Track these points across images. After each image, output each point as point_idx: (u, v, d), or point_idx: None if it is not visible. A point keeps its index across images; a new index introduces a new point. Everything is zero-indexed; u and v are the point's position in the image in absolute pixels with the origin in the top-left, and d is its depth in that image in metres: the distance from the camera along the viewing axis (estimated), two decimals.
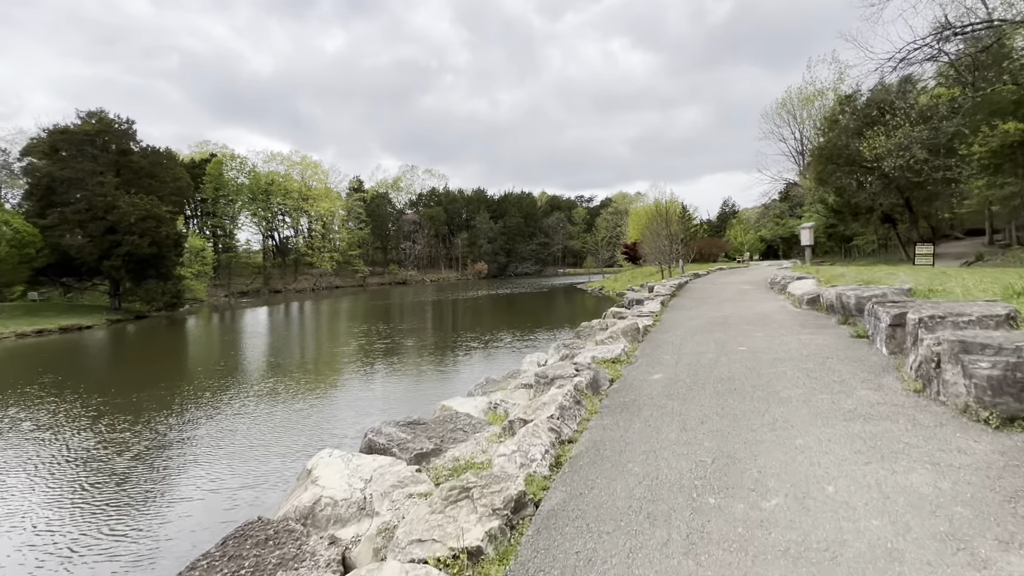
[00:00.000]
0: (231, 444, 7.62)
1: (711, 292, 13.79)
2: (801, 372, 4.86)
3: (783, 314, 8.78)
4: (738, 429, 3.51)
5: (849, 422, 3.44)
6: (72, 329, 29.05)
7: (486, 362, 12.79)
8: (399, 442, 4.07)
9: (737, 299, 11.63)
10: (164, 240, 34.03)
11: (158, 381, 12.54)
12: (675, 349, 6.50)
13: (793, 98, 52.08)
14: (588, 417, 4.07)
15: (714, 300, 11.79)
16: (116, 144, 35.33)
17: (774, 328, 7.46)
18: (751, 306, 10.17)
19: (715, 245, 46.88)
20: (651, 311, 9.86)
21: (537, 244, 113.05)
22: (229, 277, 70.83)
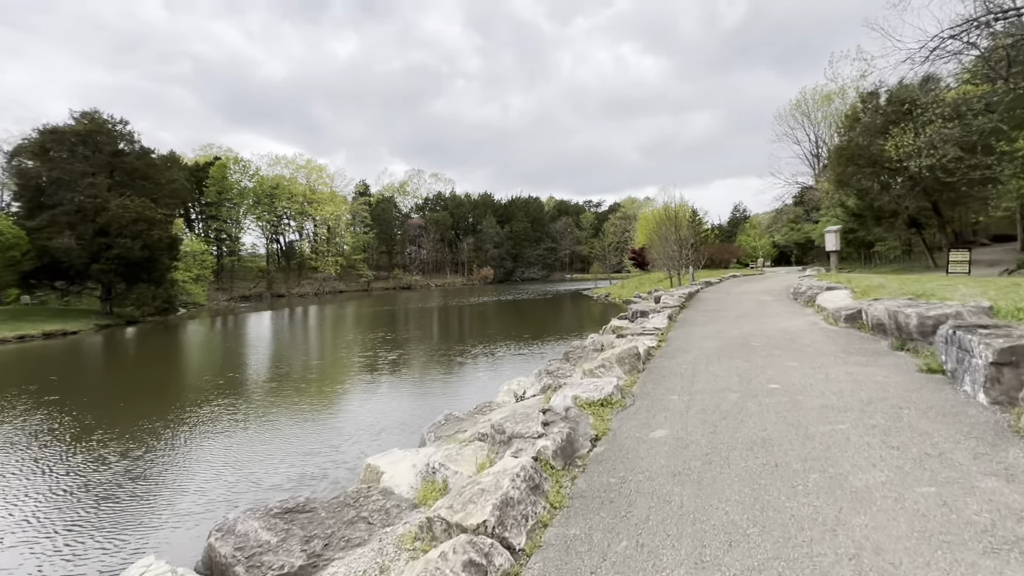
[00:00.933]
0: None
1: (726, 303, 12.21)
2: (870, 434, 3.33)
3: (818, 334, 7.22)
4: (797, 570, 2.01)
5: (996, 557, 1.93)
6: (56, 335, 28.04)
7: (465, 384, 11.26)
8: (255, 550, 2.61)
9: (757, 313, 10.07)
10: (156, 243, 33.07)
11: (121, 397, 11.25)
12: (685, 385, 4.99)
13: (808, 99, 50.27)
14: (547, 519, 2.59)
15: (730, 314, 10.24)
16: (109, 145, 34.52)
17: (811, 354, 5.92)
18: (776, 322, 8.61)
19: (727, 251, 45.08)
20: (656, 327, 8.34)
21: (544, 249, 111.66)
22: (232, 281, 70.19)
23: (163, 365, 17.23)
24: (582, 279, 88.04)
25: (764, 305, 11.30)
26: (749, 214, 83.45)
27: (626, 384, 5.14)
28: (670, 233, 24.31)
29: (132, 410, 9.96)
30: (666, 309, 10.78)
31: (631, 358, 5.68)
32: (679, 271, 24.18)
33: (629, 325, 9.73)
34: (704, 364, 5.78)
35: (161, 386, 13.00)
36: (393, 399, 10.12)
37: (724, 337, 7.56)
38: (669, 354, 6.51)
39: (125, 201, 31.79)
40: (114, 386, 13.27)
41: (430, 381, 11.89)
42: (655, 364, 5.94)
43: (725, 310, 10.92)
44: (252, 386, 12.17)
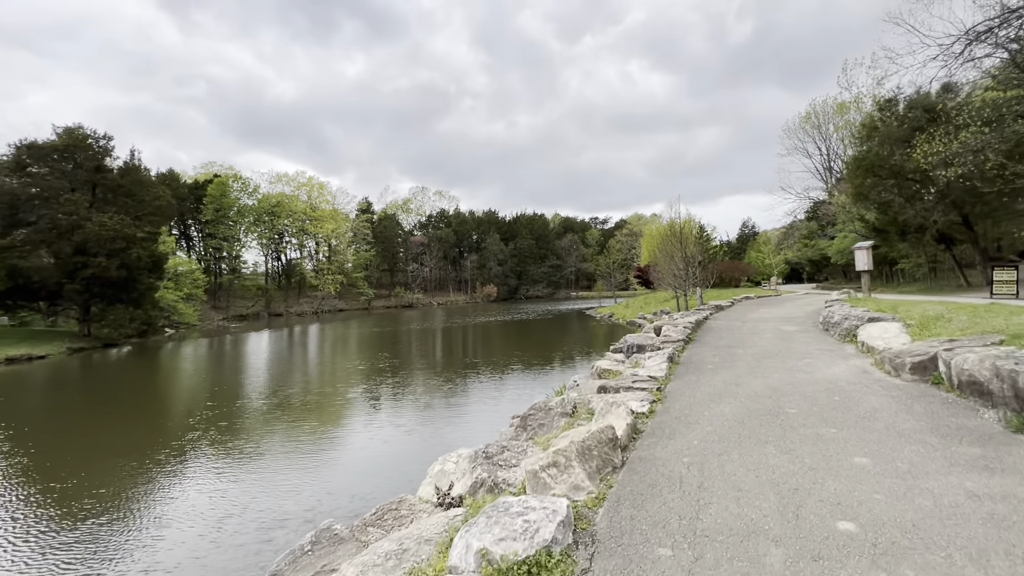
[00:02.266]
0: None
1: (741, 336, 10.08)
2: None
3: (879, 393, 5.11)
4: None
5: None
6: (21, 360, 26.32)
7: (419, 439, 9.15)
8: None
9: (783, 351, 7.95)
10: (135, 262, 31.54)
11: (65, 438, 9.33)
12: (685, 512, 2.90)
13: (819, 111, 48.43)
14: None
15: (748, 352, 8.12)
16: (91, 161, 33.34)
17: (884, 437, 3.81)
18: (812, 368, 6.50)
19: (736, 268, 42.87)
20: (652, 376, 6.26)
21: (549, 267, 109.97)
22: (229, 299, 68.86)
23: (120, 398, 15.25)
24: (587, 297, 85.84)
25: (789, 339, 9.16)
26: (758, 230, 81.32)
27: (587, 503, 3.07)
28: (675, 250, 22.24)
29: (62, 453, 7.98)
30: (667, 345, 8.69)
31: (603, 446, 3.61)
32: (686, 291, 22.04)
33: (619, 367, 7.66)
34: (717, 458, 3.68)
35: (107, 425, 11.09)
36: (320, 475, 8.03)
37: (744, 394, 5.46)
38: (664, 430, 4.41)
39: (103, 218, 30.39)
40: (50, 422, 11.34)
41: (384, 440, 9.80)
42: (641, 454, 3.84)
43: (741, 346, 8.79)
44: (214, 426, 10.19)
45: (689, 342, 9.49)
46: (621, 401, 5.00)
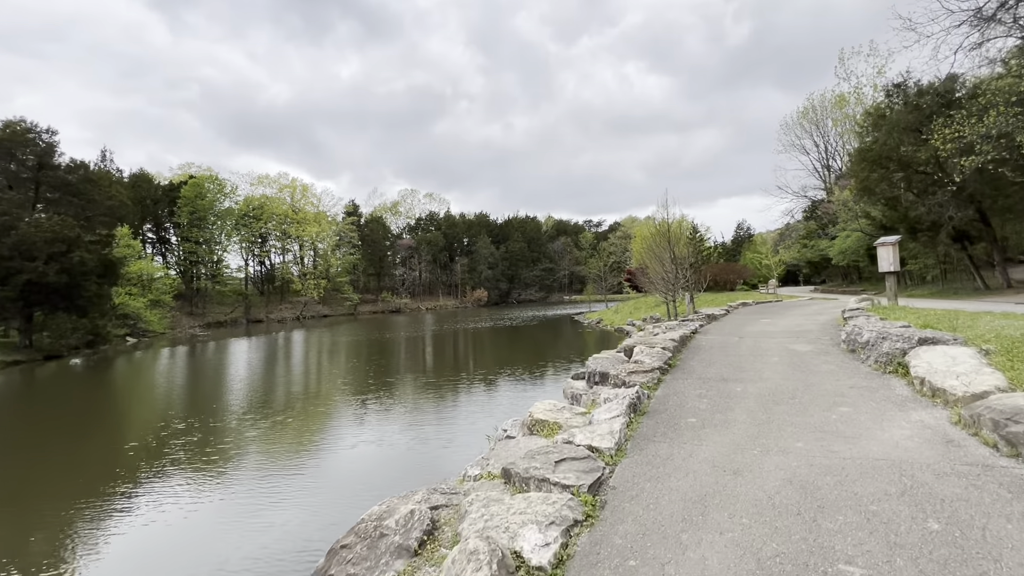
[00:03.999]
0: None
1: (739, 361, 7.56)
2: None
3: (1006, 505, 2.60)
4: None
5: None
6: None
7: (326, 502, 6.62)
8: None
9: (802, 389, 5.47)
10: (76, 267, 28.77)
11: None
12: None
13: (817, 105, 46.33)
14: None
15: (750, 392, 5.62)
16: (35, 157, 30.69)
17: None
18: (855, 431, 4.01)
19: (732, 271, 40.49)
20: (592, 448, 3.78)
21: (541, 270, 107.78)
22: (204, 306, 65.98)
23: (26, 427, 12.69)
24: (580, 301, 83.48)
25: (806, 367, 6.67)
26: (753, 232, 79.34)
27: None
28: (664, 251, 19.80)
29: None
30: (636, 377, 6.18)
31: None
32: (675, 296, 19.56)
33: (559, 416, 5.17)
34: None
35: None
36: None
37: (750, 501, 2.95)
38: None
39: (38, 219, 27.72)
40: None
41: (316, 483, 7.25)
42: None
43: (739, 378, 6.28)
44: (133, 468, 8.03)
45: (669, 370, 6.98)
46: (513, 527, 2.51)
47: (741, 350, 8.34)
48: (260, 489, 7.24)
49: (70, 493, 7.44)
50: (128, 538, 6.08)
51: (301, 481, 7.50)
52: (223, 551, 5.53)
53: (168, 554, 5.70)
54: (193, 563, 5.38)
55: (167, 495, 7.20)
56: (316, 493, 7.02)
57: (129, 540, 6.04)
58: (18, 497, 7.60)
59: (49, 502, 7.25)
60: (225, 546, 5.66)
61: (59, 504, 7.07)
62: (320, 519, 6.10)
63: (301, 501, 6.74)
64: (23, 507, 7.18)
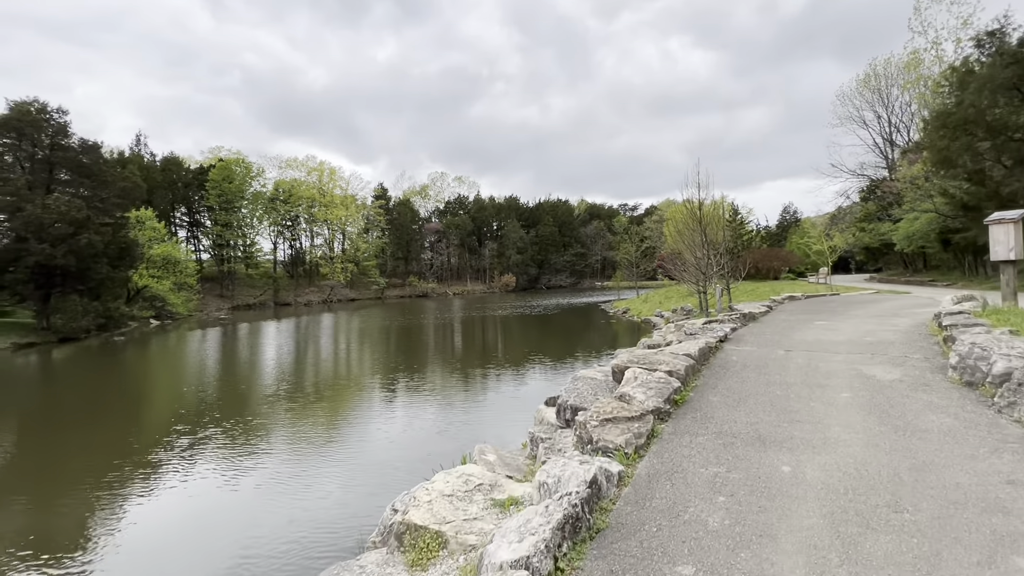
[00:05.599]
0: None
1: (788, 401, 4.91)
2: None
3: None
4: None
5: None
6: None
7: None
8: None
9: (908, 481, 3.01)
10: (84, 249, 28.28)
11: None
12: None
13: (880, 72, 41.07)
14: None
15: (811, 481, 3.12)
16: (46, 138, 30.29)
17: None
18: None
19: (776, 257, 36.54)
20: None
21: (573, 255, 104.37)
22: (234, 288, 66.65)
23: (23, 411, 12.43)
24: (610, 288, 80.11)
25: (902, 420, 4.05)
26: (801, 216, 73.60)
27: None
28: (695, 235, 16.91)
29: None
30: (609, 435, 3.77)
31: None
32: (706, 286, 16.65)
33: (465, 509, 2.84)
34: None
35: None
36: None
37: None
38: None
39: (46, 200, 27.23)
40: None
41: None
42: None
43: (786, 444, 3.72)
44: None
45: (672, 413, 4.50)
46: None
47: (789, 375, 5.72)
48: (296, 466, 7.85)
49: (114, 468, 7.99)
50: (185, 507, 6.69)
51: (333, 460, 8.04)
52: (273, 521, 5.99)
53: (224, 521, 6.29)
54: (250, 528, 5.86)
55: (211, 468, 7.86)
56: (348, 471, 7.50)
57: (186, 508, 6.65)
58: (66, 472, 8.13)
59: (97, 476, 7.70)
60: (275, 516, 6.12)
61: (106, 478, 7.61)
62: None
63: (336, 478, 7.27)
64: (75, 481, 7.69)
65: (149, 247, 43.26)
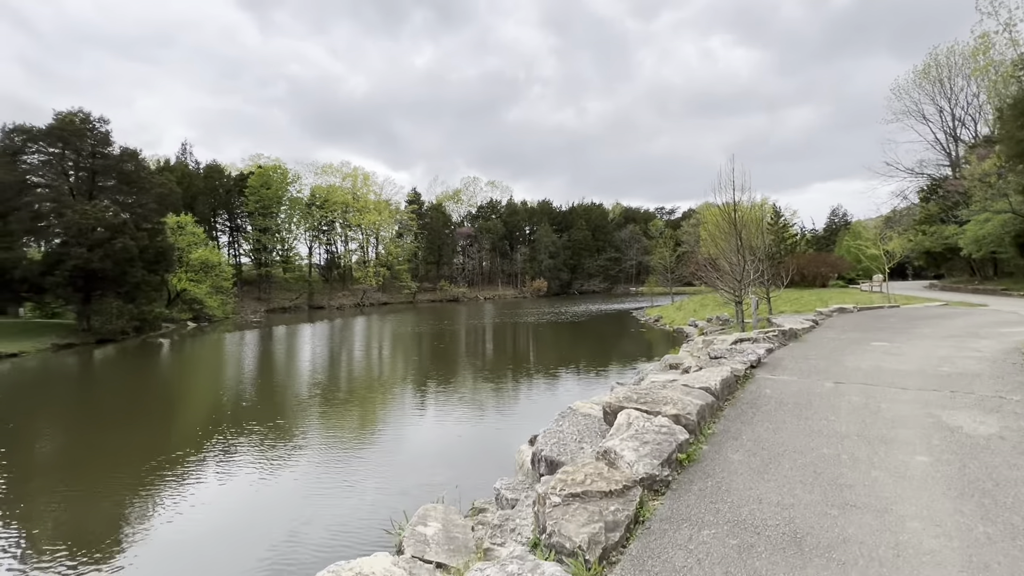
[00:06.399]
0: None
1: (838, 465, 3.57)
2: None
3: None
4: None
5: None
6: None
7: None
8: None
9: None
10: (119, 253, 29.04)
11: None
12: None
13: (943, 61, 37.67)
14: None
15: None
16: (89, 146, 31.43)
17: None
18: None
19: (823, 262, 33.82)
20: None
21: (606, 260, 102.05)
22: (270, 292, 68.29)
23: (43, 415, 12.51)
24: (644, 294, 77.64)
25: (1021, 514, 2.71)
26: (852, 218, 69.17)
27: None
28: (730, 239, 15.33)
29: None
30: (569, 526, 2.61)
31: None
32: (741, 296, 14.99)
33: None
34: None
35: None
36: None
37: None
38: None
39: (84, 206, 28.12)
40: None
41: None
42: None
43: (839, 556, 2.49)
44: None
45: (670, 484, 3.28)
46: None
47: (840, 422, 4.37)
48: (331, 461, 8.21)
49: (150, 464, 8.31)
50: (216, 502, 6.94)
51: (366, 456, 8.42)
52: (307, 513, 6.28)
53: (264, 511, 6.54)
54: (287, 520, 6.07)
55: (238, 466, 8.12)
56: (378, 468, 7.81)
57: (217, 504, 6.89)
58: (103, 467, 8.48)
59: (134, 471, 8.04)
60: (311, 508, 6.38)
61: (142, 473, 7.93)
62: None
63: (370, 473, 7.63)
64: (113, 476, 8.00)
65: (188, 252, 44.50)
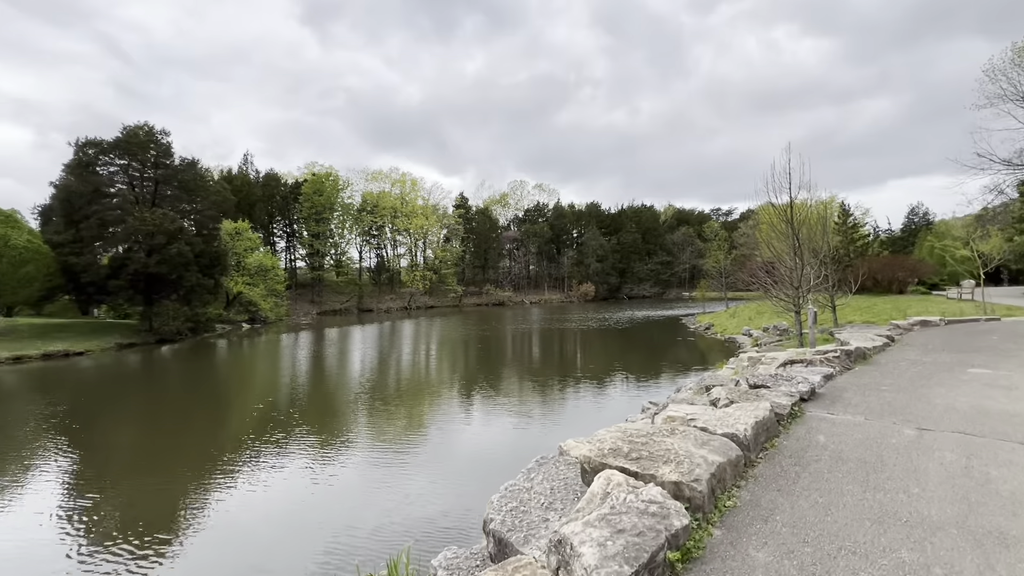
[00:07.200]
0: None
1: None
2: None
3: None
4: None
5: None
6: (56, 356, 26.15)
7: None
8: None
9: None
10: (174, 258, 30.49)
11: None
12: None
13: None
14: None
15: None
16: (151, 157, 33.36)
17: None
18: None
19: (900, 265, 30.21)
20: None
21: (657, 263, 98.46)
22: (322, 294, 70.68)
23: (94, 410, 13.20)
24: (695, 299, 73.85)
25: None
26: (933, 218, 62.47)
27: None
28: (785, 239, 13.51)
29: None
30: None
31: None
32: (798, 305, 13.08)
33: None
34: None
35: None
36: None
37: None
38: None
39: (143, 213, 29.73)
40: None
41: None
42: None
43: None
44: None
45: None
46: None
47: (927, 500, 3.02)
48: (386, 460, 8.47)
49: (204, 458, 8.86)
50: (265, 494, 7.23)
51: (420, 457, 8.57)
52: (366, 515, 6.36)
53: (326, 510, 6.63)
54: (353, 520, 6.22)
55: (288, 461, 8.50)
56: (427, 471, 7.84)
57: (266, 495, 7.18)
58: (179, 459, 9.01)
59: (193, 463, 8.62)
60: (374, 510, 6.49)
61: (198, 466, 8.45)
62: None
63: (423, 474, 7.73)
64: (172, 467, 8.58)
65: (245, 256, 46.54)
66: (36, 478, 8.14)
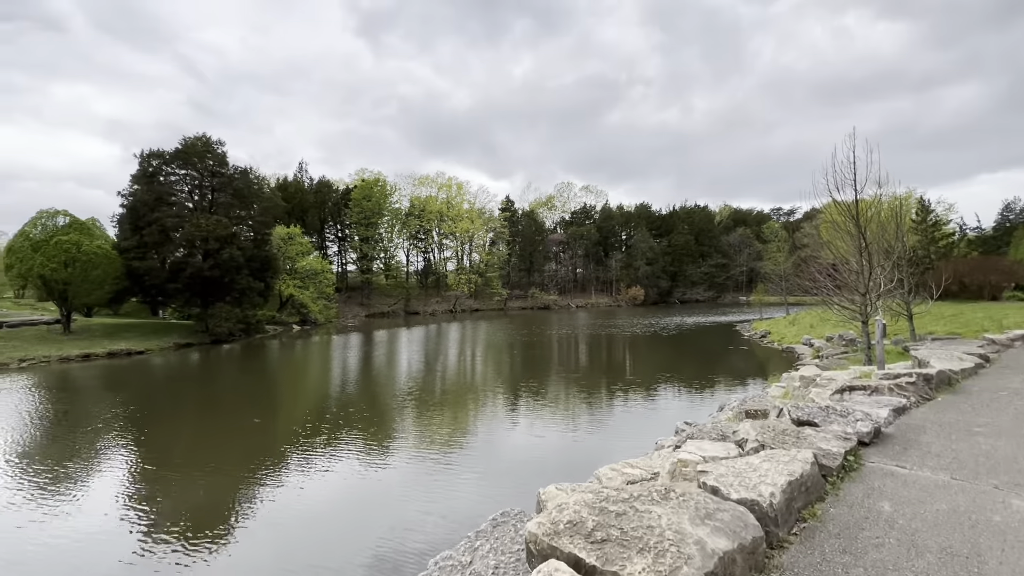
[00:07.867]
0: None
1: None
2: None
3: None
4: None
5: None
6: (120, 354, 27.86)
7: None
8: None
9: None
10: (227, 262, 31.82)
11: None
12: None
13: None
14: None
15: None
16: (208, 166, 35.10)
17: None
18: None
19: (993, 268, 26.57)
20: None
21: (712, 266, 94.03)
22: (370, 297, 72.40)
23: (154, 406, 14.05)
24: (752, 304, 69.54)
25: None
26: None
27: None
28: (852, 241, 11.81)
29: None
30: None
31: None
32: (866, 313, 11.32)
33: None
34: None
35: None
36: None
37: None
38: None
39: (198, 219, 31.23)
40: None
41: None
42: None
43: None
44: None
45: None
46: None
47: None
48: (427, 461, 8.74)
49: (264, 455, 9.24)
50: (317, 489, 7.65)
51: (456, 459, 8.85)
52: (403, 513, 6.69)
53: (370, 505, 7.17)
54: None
55: (336, 457, 9.05)
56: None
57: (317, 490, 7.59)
58: (224, 452, 9.64)
59: (247, 458, 9.10)
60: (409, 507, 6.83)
61: (253, 460, 8.95)
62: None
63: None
64: (228, 460, 9.12)
65: (297, 260, 48.23)
66: (99, 469, 8.80)
